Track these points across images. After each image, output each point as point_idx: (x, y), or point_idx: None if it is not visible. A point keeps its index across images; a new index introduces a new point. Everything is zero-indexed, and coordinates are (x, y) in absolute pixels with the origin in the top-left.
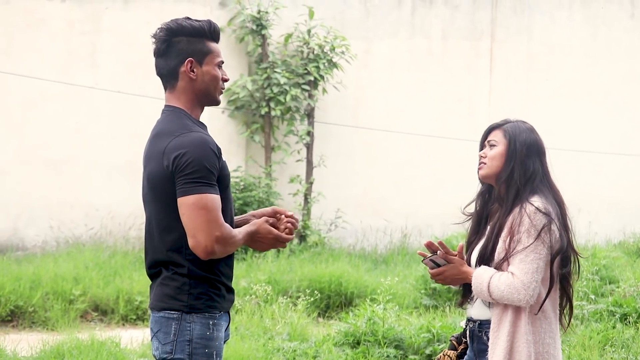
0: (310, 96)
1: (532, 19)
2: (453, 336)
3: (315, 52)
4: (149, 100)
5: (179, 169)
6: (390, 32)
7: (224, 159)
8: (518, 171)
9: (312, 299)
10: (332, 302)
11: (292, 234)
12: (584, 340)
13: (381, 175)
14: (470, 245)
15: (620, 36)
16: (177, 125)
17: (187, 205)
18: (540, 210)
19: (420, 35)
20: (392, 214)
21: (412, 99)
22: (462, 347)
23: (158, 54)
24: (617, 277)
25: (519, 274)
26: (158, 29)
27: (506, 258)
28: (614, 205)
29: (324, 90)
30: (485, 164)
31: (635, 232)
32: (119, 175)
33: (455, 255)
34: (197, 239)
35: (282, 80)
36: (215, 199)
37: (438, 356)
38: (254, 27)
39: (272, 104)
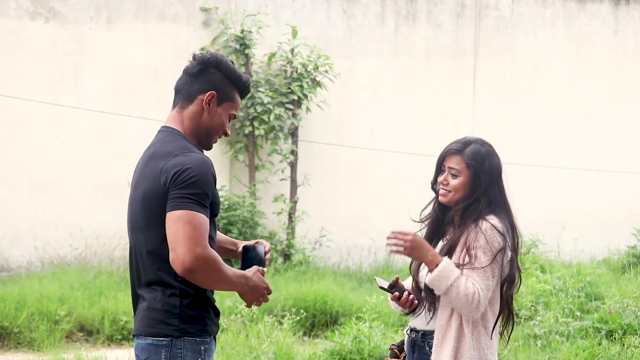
0: (294, 115)
1: (515, 37)
2: (394, 344)
3: (298, 71)
4: (133, 120)
5: (176, 183)
6: (374, 51)
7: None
8: (482, 201)
9: (297, 318)
10: (318, 320)
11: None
12: (570, 357)
13: (365, 194)
14: None
15: (604, 53)
16: (176, 147)
17: (173, 219)
18: (495, 228)
19: (403, 54)
20: (377, 233)
21: (396, 117)
22: (403, 354)
23: (188, 71)
24: (603, 294)
25: (478, 288)
26: (201, 53)
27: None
28: (599, 223)
29: (308, 109)
30: (448, 191)
31: (620, 249)
32: (103, 195)
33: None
34: (176, 253)
35: (266, 100)
36: (203, 219)
37: None
38: (238, 47)
39: (255, 123)
